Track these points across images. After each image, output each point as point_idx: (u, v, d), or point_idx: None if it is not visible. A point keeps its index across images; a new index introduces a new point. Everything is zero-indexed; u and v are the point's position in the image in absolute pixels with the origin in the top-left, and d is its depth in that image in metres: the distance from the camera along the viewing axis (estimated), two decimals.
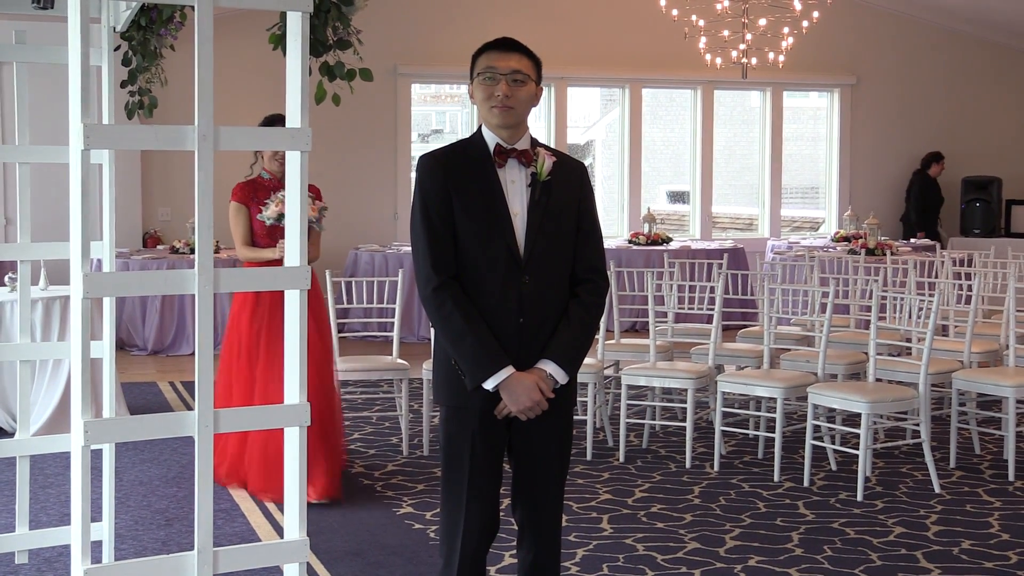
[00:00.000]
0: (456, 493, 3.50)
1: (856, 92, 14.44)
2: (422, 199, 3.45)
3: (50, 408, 7.20)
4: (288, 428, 2.95)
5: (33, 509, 5.46)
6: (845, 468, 6.56)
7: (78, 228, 2.75)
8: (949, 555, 5.18)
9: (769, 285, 7.04)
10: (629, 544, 5.30)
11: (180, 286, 2.84)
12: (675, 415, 7.69)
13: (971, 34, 14.74)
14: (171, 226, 12.01)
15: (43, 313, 7.23)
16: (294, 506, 2.94)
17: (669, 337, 7.69)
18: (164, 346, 10.50)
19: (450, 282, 3.42)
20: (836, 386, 6.40)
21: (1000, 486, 6.30)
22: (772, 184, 14.32)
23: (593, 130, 14.63)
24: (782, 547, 5.28)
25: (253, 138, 2.97)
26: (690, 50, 12.06)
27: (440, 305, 3.40)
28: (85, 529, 2.77)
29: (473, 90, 3.52)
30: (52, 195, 9.11)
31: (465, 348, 3.38)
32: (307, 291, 5.29)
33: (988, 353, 7.44)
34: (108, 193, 4.18)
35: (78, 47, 2.73)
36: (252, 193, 6.19)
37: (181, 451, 6.86)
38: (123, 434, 2.90)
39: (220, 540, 5.03)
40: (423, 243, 3.43)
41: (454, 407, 3.50)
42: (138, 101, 6.72)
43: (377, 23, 11.21)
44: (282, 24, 4.21)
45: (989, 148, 14.89)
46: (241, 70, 11.63)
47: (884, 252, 10.85)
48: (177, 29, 5.81)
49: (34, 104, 4.87)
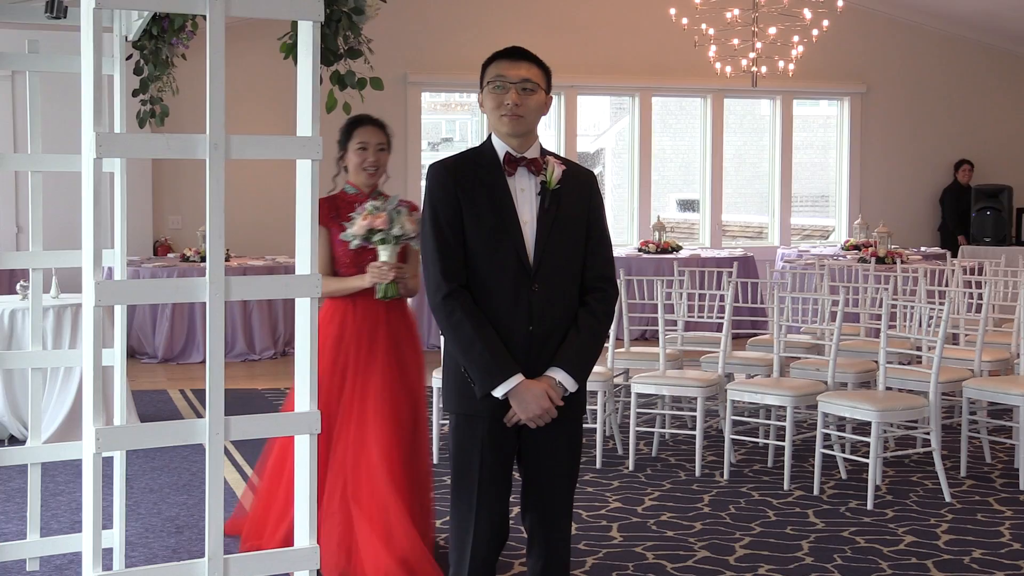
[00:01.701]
0: (466, 501, 3.50)
1: (866, 100, 14.43)
2: (432, 207, 3.47)
3: (61, 416, 7.22)
4: (299, 436, 2.95)
5: (44, 516, 5.48)
6: (855, 477, 6.55)
7: (90, 236, 2.76)
8: (960, 564, 5.17)
9: (779, 293, 7.04)
10: (639, 552, 5.30)
11: (191, 294, 2.84)
12: (685, 423, 7.68)
13: (981, 42, 14.72)
14: (182, 234, 12.05)
15: (54, 321, 7.25)
16: (304, 513, 2.95)
17: (679, 345, 7.69)
18: (174, 354, 10.52)
19: (460, 290, 3.43)
20: (846, 395, 6.39)
21: (1011, 495, 6.28)
22: (782, 192, 14.32)
23: (603, 138, 14.63)
24: (792, 556, 5.27)
25: (265, 148, 2.98)
26: (700, 58, 12.07)
27: (450, 313, 3.41)
28: (96, 536, 2.78)
29: (483, 99, 3.53)
30: (64, 203, 9.15)
31: (475, 356, 3.39)
32: (400, 327, 5.01)
33: (999, 362, 7.42)
34: (120, 201, 4.20)
35: (90, 56, 2.75)
36: (334, 211, 4.95)
37: (192, 459, 6.87)
38: (134, 442, 2.90)
39: (231, 548, 5.05)
40: (433, 251, 3.45)
41: (464, 415, 3.51)
42: (150, 110, 6.74)
43: (388, 32, 11.25)
44: (293, 33, 4.22)
45: (1000, 156, 14.87)
46: (253, 79, 11.67)
47: (894, 260, 10.84)
48: (189, 38, 5.83)
49: (47, 113, 4.90)
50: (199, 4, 2.78)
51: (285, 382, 9.33)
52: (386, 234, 4.74)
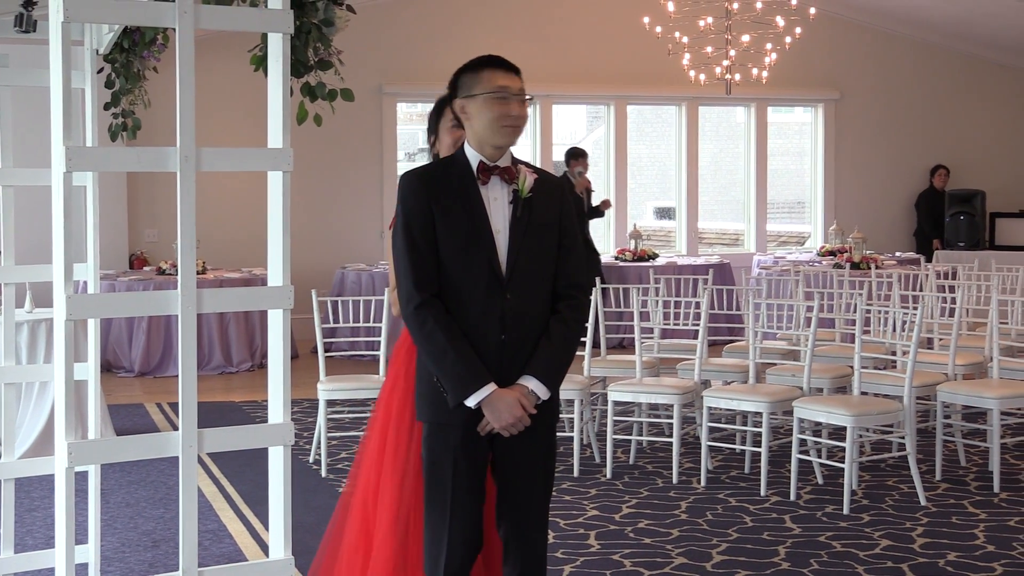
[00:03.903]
0: (439, 510, 3.50)
1: (840, 107, 14.51)
2: (405, 216, 3.47)
3: (36, 431, 7.19)
4: (272, 447, 2.95)
5: (19, 532, 5.45)
6: (831, 482, 6.58)
7: (60, 250, 2.76)
8: (935, 567, 5.20)
9: (755, 300, 7.07)
10: (616, 560, 5.31)
11: (163, 307, 2.84)
12: (662, 431, 7.70)
13: (953, 48, 14.83)
14: (158, 247, 12.02)
15: (29, 336, 7.22)
16: (279, 525, 2.94)
17: (655, 353, 7.72)
18: (151, 367, 10.48)
19: (432, 300, 3.43)
20: (822, 400, 6.42)
21: (985, 498, 6.32)
22: (758, 199, 14.38)
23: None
24: (769, 561, 5.29)
25: (236, 160, 2.98)
26: (674, 67, 12.12)
27: (422, 323, 3.42)
28: (69, 552, 2.77)
29: (470, 107, 3.50)
30: (38, 218, 9.09)
31: (447, 365, 3.40)
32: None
33: (972, 365, 7.47)
34: (92, 215, 4.19)
35: (59, 70, 2.75)
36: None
37: (168, 472, 6.85)
38: (107, 455, 2.90)
39: (207, 561, 5.04)
40: (405, 261, 3.46)
41: (437, 424, 3.51)
42: (121, 123, 6.73)
43: (362, 42, 11.25)
44: (263, 45, 4.23)
45: (973, 161, 14.97)
46: (223, 91, 11.65)
47: (869, 266, 10.90)
48: (160, 51, 5.83)
49: (19, 126, 4.88)
50: (168, 17, 2.79)
51: (262, 395, 9.31)
52: None
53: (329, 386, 6.88)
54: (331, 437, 7.31)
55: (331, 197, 12.61)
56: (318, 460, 7.05)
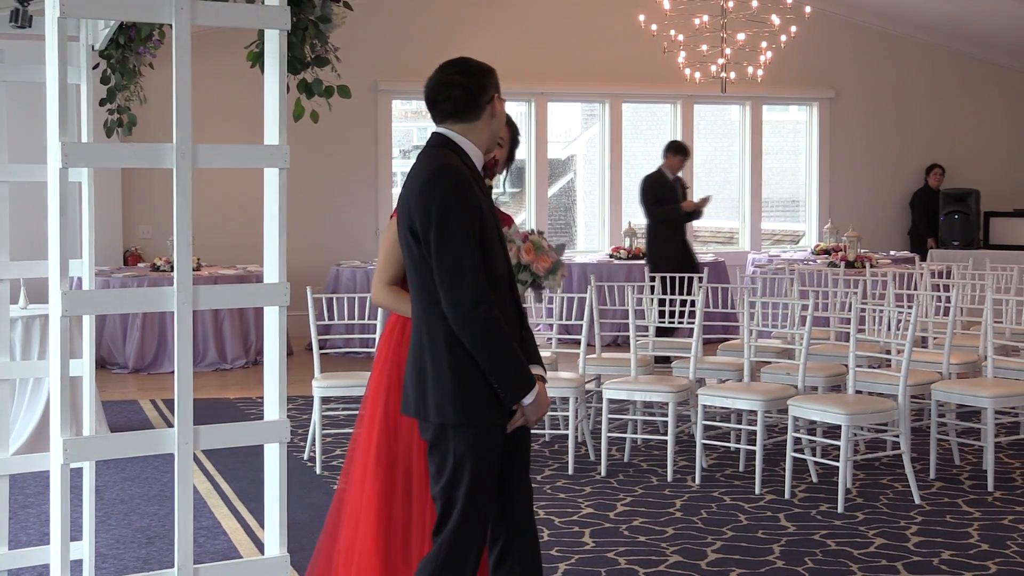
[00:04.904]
0: (481, 515, 3.42)
1: (835, 105, 14.52)
2: (465, 214, 3.31)
3: (31, 427, 7.18)
4: (268, 444, 2.95)
5: (13, 529, 5.44)
6: (826, 480, 6.58)
7: (56, 246, 2.75)
8: (929, 566, 5.21)
9: (749, 298, 7.07)
10: (611, 558, 5.31)
11: (159, 303, 2.84)
12: (656, 429, 7.70)
13: (948, 48, 14.85)
14: (152, 244, 12.01)
15: (23, 332, 7.21)
16: (274, 522, 2.94)
17: (650, 351, 7.72)
18: (145, 364, 10.47)
19: (494, 305, 3.33)
20: (816, 398, 6.42)
21: (979, 496, 6.33)
22: (752, 197, 14.39)
23: (574, 145, 14.66)
24: (763, 559, 5.29)
25: (232, 156, 2.98)
26: (669, 65, 12.12)
27: (493, 325, 3.30)
28: (64, 548, 2.76)
29: (498, 105, 3.52)
30: (33, 213, 9.08)
31: (515, 365, 3.36)
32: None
33: (967, 364, 7.48)
34: (87, 211, 4.18)
35: (55, 65, 2.74)
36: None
37: (163, 469, 6.84)
38: (102, 452, 2.89)
39: (202, 557, 5.03)
40: (471, 261, 3.30)
41: (485, 426, 3.40)
42: (117, 119, 6.70)
43: (358, 39, 11.23)
44: (260, 42, 4.22)
45: (967, 160, 14.99)
46: (219, 88, 11.64)
47: (864, 264, 10.90)
48: (156, 47, 5.80)
49: (15, 122, 4.87)
50: (165, 13, 2.78)
51: (257, 391, 9.30)
52: (535, 278, 4.21)
53: (324, 383, 6.87)
54: (326, 434, 7.30)
55: (325, 194, 12.60)
56: (313, 457, 7.05)
